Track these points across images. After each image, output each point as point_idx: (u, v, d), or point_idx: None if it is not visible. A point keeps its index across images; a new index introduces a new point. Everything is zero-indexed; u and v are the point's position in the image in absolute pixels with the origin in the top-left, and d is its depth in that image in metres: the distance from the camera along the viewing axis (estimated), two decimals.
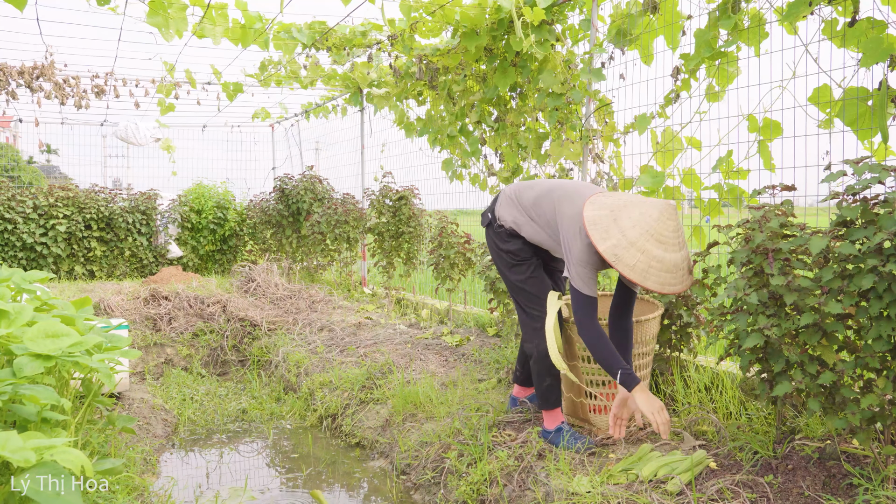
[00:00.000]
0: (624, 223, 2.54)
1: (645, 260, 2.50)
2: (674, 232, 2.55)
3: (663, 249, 2.52)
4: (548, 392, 2.99)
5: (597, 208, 2.62)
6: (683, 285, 2.58)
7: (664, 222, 2.54)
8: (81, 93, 7.43)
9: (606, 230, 2.54)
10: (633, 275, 2.50)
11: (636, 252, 2.50)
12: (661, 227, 2.53)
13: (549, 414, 3.02)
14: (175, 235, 8.93)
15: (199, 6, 4.60)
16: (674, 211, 2.58)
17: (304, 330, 5.91)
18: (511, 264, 3.05)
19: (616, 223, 2.55)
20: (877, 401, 2.10)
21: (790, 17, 2.91)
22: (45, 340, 2.23)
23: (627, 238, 2.51)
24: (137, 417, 4.04)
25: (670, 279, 2.53)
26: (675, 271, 2.55)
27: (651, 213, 2.55)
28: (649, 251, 2.50)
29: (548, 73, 4.24)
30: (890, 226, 2.03)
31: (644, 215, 2.54)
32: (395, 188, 6.73)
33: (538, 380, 3.01)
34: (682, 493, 2.37)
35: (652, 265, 2.50)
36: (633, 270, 2.49)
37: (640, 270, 2.50)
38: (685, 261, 2.60)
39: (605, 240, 2.53)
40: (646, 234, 2.51)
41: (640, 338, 2.91)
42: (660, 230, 2.53)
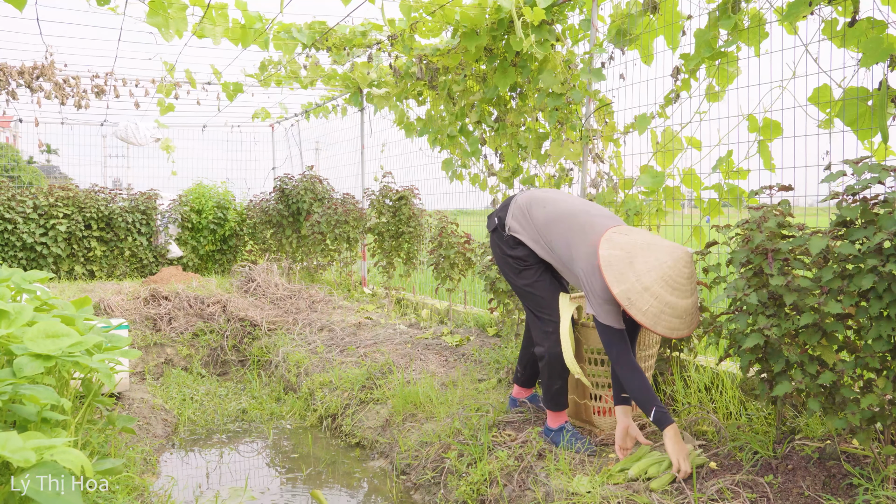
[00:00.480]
0: (639, 267, 2.54)
1: (657, 305, 2.51)
2: (687, 279, 2.57)
3: (676, 296, 2.54)
4: (557, 395, 2.99)
5: (612, 247, 2.62)
6: (690, 329, 2.61)
7: (679, 269, 2.55)
8: (81, 93, 7.43)
9: (622, 273, 2.54)
10: (645, 320, 2.52)
11: (650, 297, 2.51)
12: (676, 273, 2.54)
13: (553, 414, 3.02)
14: (175, 235, 8.93)
15: (199, 6, 4.60)
16: (690, 259, 2.60)
17: (304, 330, 5.91)
18: (518, 270, 3.04)
19: (631, 266, 2.55)
20: (877, 401, 2.10)
21: (790, 17, 2.91)
22: (45, 340, 2.23)
23: (642, 283, 2.52)
24: (137, 417, 4.04)
25: (679, 324, 2.56)
26: (685, 317, 2.57)
27: (667, 261, 2.55)
28: (662, 297, 2.51)
29: (548, 73, 4.24)
30: (890, 226, 2.03)
31: (660, 262, 2.55)
32: (395, 188, 6.73)
33: (548, 383, 3.00)
34: (683, 493, 2.37)
35: (664, 311, 2.52)
36: (645, 316, 2.51)
37: (651, 315, 2.51)
38: (694, 306, 2.62)
39: (620, 283, 2.53)
40: (660, 280, 2.52)
41: (645, 341, 2.91)
42: (674, 277, 2.54)
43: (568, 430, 2.95)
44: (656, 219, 3.79)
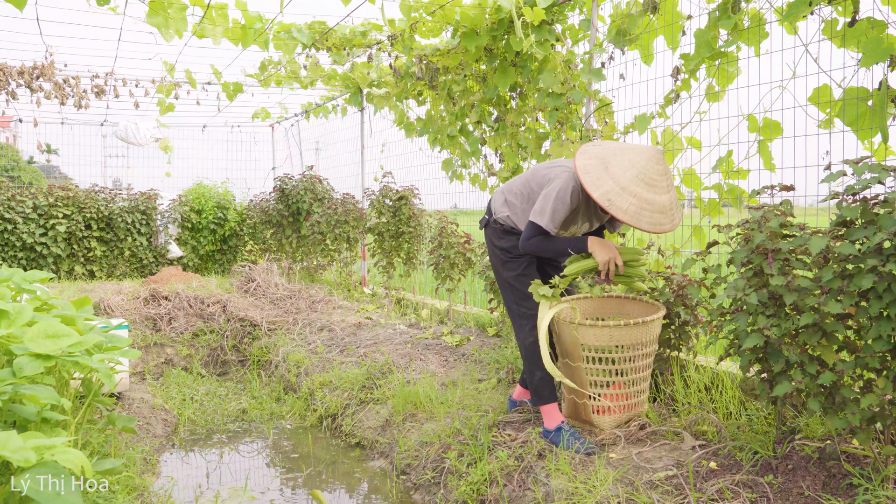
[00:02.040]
0: (614, 170, 2.68)
1: (637, 203, 2.64)
2: (662, 175, 2.69)
3: (654, 193, 2.66)
4: (540, 386, 3.03)
5: (587, 158, 2.76)
6: (674, 224, 2.72)
7: (652, 167, 2.68)
8: (81, 93, 7.42)
9: (599, 178, 2.68)
10: (627, 217, 2.63)
11: (628, 196, 2.64)
12: (650, 171, 2.67)
13: (546, 412, 3.03)
14: (175, 235, 8.92)
15: (199, 6, 4.59)
16: (661, 155, 2.72)
17: (304, 330, 5.91)
18: (504, 260, 3.14)
19: (607, 171, 2.68)
20: (877, 401, 2.10)
21: (790, 17, 2.91)
22: (45, 340, 2.23)
23: (619, 183, 2.65)
24: (137, 417, 4.04)
25: (661, 219, 2.67)
26: (666, 212, 2.68)
27: (639, 161, 2.69)
28: (640, 195, 2.64)
29: (548, 73, 4.24)
30: (890, 226, 2.03)
31: (633, 163, 2.68)
32: (395, 188, 6.73)
33: (529, 375, 3.07)
34: (683, 493, 2.37)
35: (644, 208, 2.64)
36: (626, 214, 2.63)
37: (632, 213, 2.64)
38: (673, 202, 2.73)
39: (599, 187, 2.66)
40: (636, 180, 2.65)
41: (643, 338, 2.91)
42: (649, 174, 2.67)
43: (566, 430, 2.95)
44: None
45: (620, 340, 2.87)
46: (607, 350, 2.89)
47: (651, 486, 2.46)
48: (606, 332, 2.86)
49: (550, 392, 3.03)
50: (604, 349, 2.89)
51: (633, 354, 2.91)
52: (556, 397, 3.05)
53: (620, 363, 2.91)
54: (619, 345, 2.88)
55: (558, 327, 3.01)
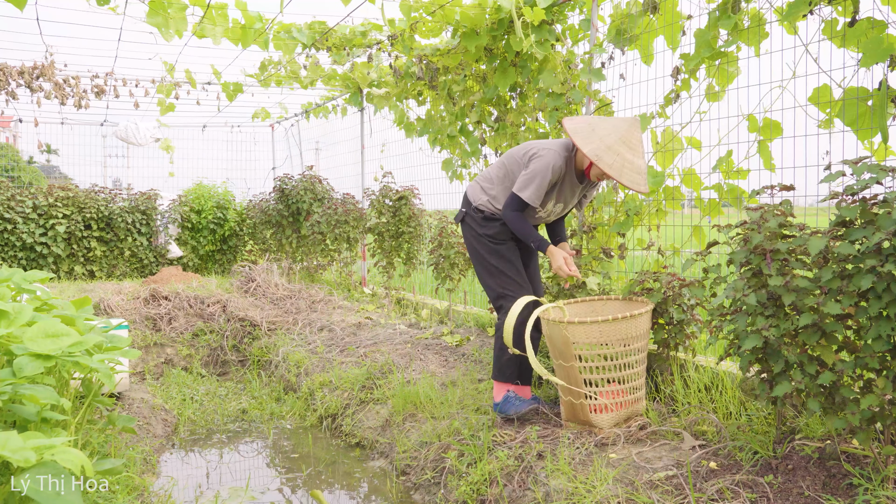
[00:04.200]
0: (600, 132, 3.02)
1: (619, 161, 2.99)
2: (638, 144, 3.05)
3: (632, 155, 3.02)
4: (505, 366, 3.28)
5: (575, 122, 3.10)
6: (645, 188, 3.05)
7: (633, 133, 3.04)
8: (81, 93, 7.43)
9: (587, 137, 3.01)
10: (612, 171, 2.97)
11: (613, 155, 2.99)
12: (630, 136, 3.03)
13: (498, 386, 3.30)
14: (175, 235, 8.92)
15: (199, 6, 4.59)
16: (638, 124, 3.08)
17: (304, 330, 5.92)
18: (490, 248, 3.32)
19: (594, 132, 3.03)
20: (877, 401, 2.10)
21: (790, 17, 2.91)
22: (45, 340, 2.23)
23: (605, 143, 3.00)
24: (137, 417, 4.04)
25: (638, 179, 3.02)
26: (641, 174, 3.03)
27: (622, 126, 3.05)
28: (623, 154, 2.99)
29: (548, 73, 4.23)
30: (889, 226, 2.03)
31: (616, 127, 3.04)
32: (395, 188, 6.73)
33: (499, 352, 3.29)
34: (682, 493, 2.37)
35: (625, 166, 3.00)
36: (612, 168, 2.97)
37: (616, 168, 2.98)
38: (645, 168, 3.08)
39: (588, 143, 2.99)
40: (619, 141, 3.00)
41: (633, 333, 2.93)
42: (629, 139, 3.02)
43: (510, 396, 3.24)
44: (656, 219, 3.79)
45: (611, 336, 2.89)
46: (598, 346, 2.91)
47: (651, 486, 2.46)
48: (596, 328, 2.87)
49: (512, 372, 3.28)
50: (595, 346, 2.91)
51: (625, 350, 2.93)
52: (515, 379, 3.29)
53: (613, 359, 2.92)
54: (610, 340, 2.90)
55: (549, 328, 3.03)
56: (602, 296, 3.51)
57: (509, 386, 3.28)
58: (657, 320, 3.28)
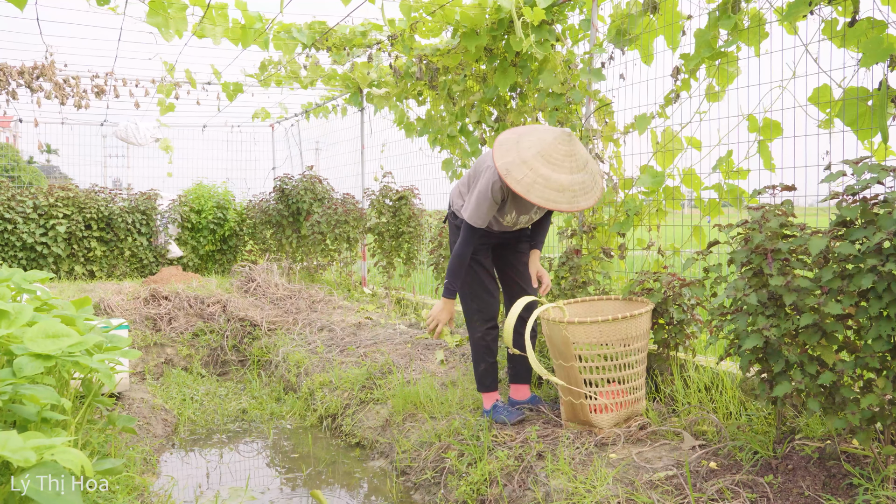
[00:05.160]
0: (523, 144, 2.83)
1: (531, 176, 2.75)
2: (565, 156, 2.79)
3: (552, 170, 2.76)
4: (483, 376, 3.34)
5: (508, 134, 2.94)
6: (573, 206, 2.80)
7: (556, 146, 2.78)
8: (81, 93, 7.43)
9: (508, 150, 2.84)
10: (519, 188, 2.74)
11: (526, 169, 2.76)
12: (553, 150, 2.78)
13: (487, 397, 3.37)
14: (175, 235, 8.92)
15: (199, 6, 4.59)
16: (568, 137, 2.81)
17: (304, 330, 5.91)
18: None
19: (517, 145, 2.84)
20: (877, 401, 2.10)
21: (790, 17, 2.91)
22: (45, 340, 2.23)
23: (521, 157, 2.79)
24: (137, 417, 4.04)
25: (557, 197, 2.76)
26: (564, 191, 2.77)
27: (546, 138, 2.81)
28: (537, 169, 2.75)
29: (548, 73, 4.23)
30: (889, 226, 2.03)
31: (541, 139, 2.81)
32: (395, 188, 6.73)
33: (475, 365, 3.35)
34: (682, 493, 2.37)
35: (537, 181, 2.74)
36: (519, 184, 2.74)
37: (525, 184, 2.74)
38: (579, 185, 2.80)
39: (504, 157, 2.81)
40: (537, 155, 2.77)
41: (633, 333, 2.93)
42: (551, 152, 2.77)
43: (498, 406, 3.30)
44: (656, 219, 3.79)
45: (611, 336, 2.89)
46: (598, 346, 2.91)
47: (651, 485, 2.46)
48: (596, 328, 2.87)
49: (493, 381, 3.35)
50: (595, 346, 2.91)
51: (625, 349, 2.93)
52: (496, 387, 3.36)
53: (613, 359, 2.92)
54: (610, 340, 2.90)
55: (549, 328, 3.03)
56: (602, 296, 3.52)
57: (494, 395, 3.36)
58: (657, 320, 3.28)
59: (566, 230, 4.11)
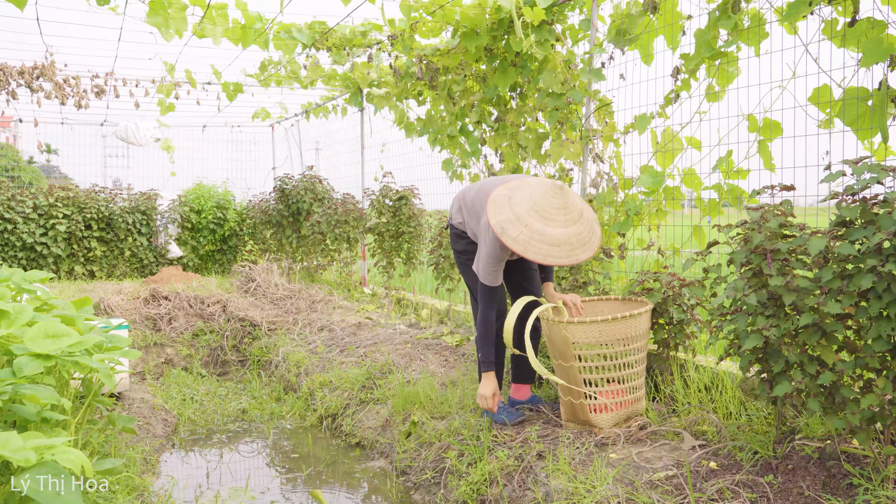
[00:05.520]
0: (515, 200, 2.80)
1: (527, 233, 2.73)
2: (558, 209, 2.77)
3: (547, 225, 2.74)
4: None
5: (501, 191, 2.89)
6: (571, 259, 2.76)
7: (549, 200, 2.77)
8: (81, 93, 7.42)
9: (500, 207, 2.81)
10: (516, 246, 2.72)
11: (521, 226, 2.74)
12: (546, 203, 2.76)
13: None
14: (175, 235, 8.92)
15: (199, 6, 4.59)
16: (559, 190, 2.79)
17: (304, 330, 5.91)
18: (462, 262, 3.36)
19: (510, 202, 2.81)
20: (877, 401, 2.10)
21: (790, 17, 2.91)
22: (45, 340, 2.23)
23: (515, 213, 2.77)
24: (137, 417, 4.04)
25: (554, 252, 2.74)
26: (561, 245, 2.74)
27: (537, 192, 2.79)
28: (532, 225, 2.73)
29: (548, 73, 4.23)
30: (889, 226, 2.03)
31: (532, 194, 2.79)
32: (395, 188, 6.73)
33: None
34: (682, 493, 2.37)
35: (534, 237, 2.73)
36: (516, 242, 2.72)
37: (521, 242, 2.72)
38: (576, 237, 2.77)
39: (498, 215, 2.79)
40: (530, 210, 2.75)
41: (633, 332, 2.93)
42: (544, 207, 2.76)
43: (500, 407, 3.26)
44: (656, 219, 3.79)
45: (610, 335, 2.89)
46: (598, 346, 2.91)
47: (651, 485, 2.46)
48: (595, 327, 2.87)
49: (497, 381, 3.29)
50: (595, 345, 2.91)
51: (625, 349, 2.93)
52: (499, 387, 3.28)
53: (613, 358, 2.92)
54: (610, 340, 2.90)
55: (549, 328, 3.03)
56: (602, 296, 3.52)
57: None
58: (657, 320, 3.28)
59: None
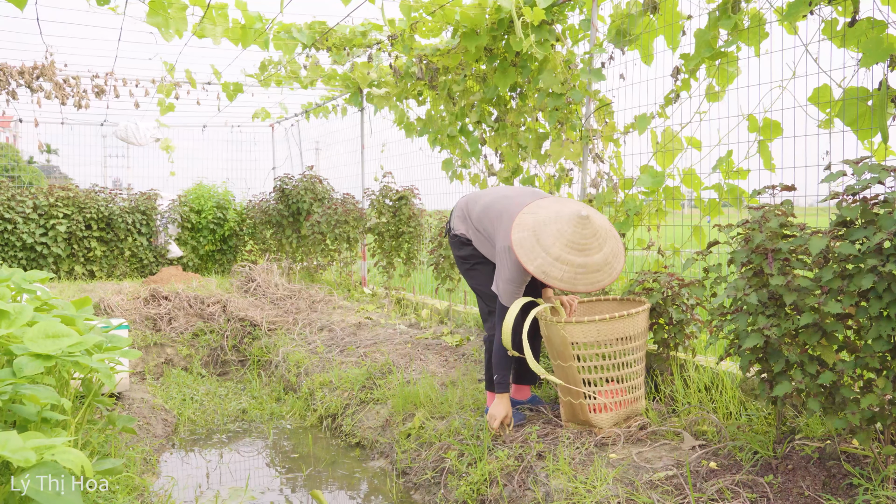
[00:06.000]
0: (545, 241, 2.76)
1: (570, 270, 2.74)
2: (591, 238, 2.76)
3: (584, 256, 2.75)
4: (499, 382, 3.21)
5: (521, 230, 2.84)
6: (613, 276, 2.81)
7: (579, 232, 2.75)
8: (81, 93, 7.42)
9: (532, 250, 2.77)
10: (563, 285, 2.75)
11: (561, 265, 2.74)
12: (578, 237, 2.75)
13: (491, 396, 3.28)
14: (175, 235, 8.92)
15: (199, 6, 4.59)
16: (585, 220, 2.76)
17: (304, 330, 5.91)
18: (466, 269, 3.33)
19: (539, 243, 2.77)
20: (877, 401, 2.10)
21: (790, 17, 2.91)
22: (45, 340, 2.23)
23: (551, 255, 2.75)
24: (137, 417, 4.04)
25: (599, 277, 2.78)
26: (602, 269, 2.78)
27: (566, 230, 2.76)
28: (572, 261, 2.74)
29: (548, 73, 4.23)
30: (889, 226, 2.03)
31: (561, 232, 2.76)
32: (395, 188, 6.73)
33: (488, 365, 3.24)
34: (682, 493, 2.37)
35: (578, 273, 2.75)
36: (562, 282, 2.75)
37: (568, 280, 2.74)
38: (608, 256, 2.80)
39: (533, 261, 2.76)
40: (566, 248, 2.74)
41: (631, 331, 2.93)
42: (577, 241, 2.75)
43: None
44: (656, 219, 3.79)
45: (608, 335, 2.89)
46: (597, 346, 2.91)
47: (651, 485, 2.46)
48: (594, 327, 2.87)
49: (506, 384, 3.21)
50: (593, 345, 2.91)
51: (623, 348, 2.93)
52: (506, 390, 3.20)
53: (611, 358, 2.92)
54: (608, 340, 2.90)
55: (547, 329, 3.03)
56: (601, 296, 3.52)
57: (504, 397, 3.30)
58: (657, 320, 3.28)
59: None
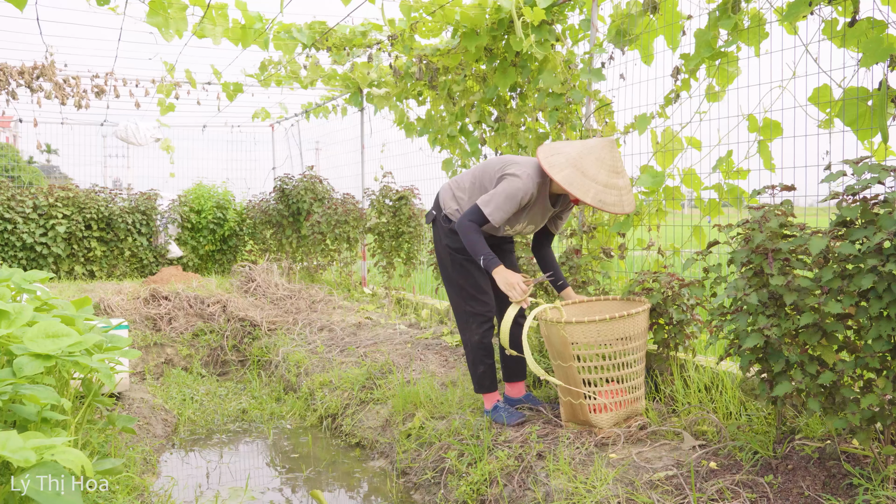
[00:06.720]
0: (591, 172, 2.90)
1: (617, 193, 2.92)
2: (619, 159, 2.99)
3: (622, 178, 2.97)
4: (482, 378, 3.32)
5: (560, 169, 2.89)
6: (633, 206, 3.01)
7: (615, 156, 2.96)
8: (81, 93, 7.42)
9: (583, 184, 2.87)
10: (615, 209, 2.91)
11: (610, 190, 2.91)
12: (614, 161, 2.95)
13: (487, 398, 3.35)
14: (175, 235, 8.92)
15: (199, 6, 4.59)
16: (614, 143, 3.01)
17: (304, 330, 5.91)
18: (455, 261, 3.23)
19: (585, 175, 2.89)
20: (877, 401, 2.10)
21: (790, 17, 2.91)
22: (45, 340, 2.23)
23: (600, 183, 2.90)
24: (137, 417, 4.04)
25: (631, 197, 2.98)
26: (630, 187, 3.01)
27: (604, 156, 2.93)
28: (616, 184, 2.93)
29: (548, 73, 4.23)
30: (889, 226, 2.03)
31: (601, 159, 2.93)
32: (395, 188, 6.73)
33: (473, 367, 3.31)
34: (682, 493, 2.37)
35: (623, 194, 2.95)
36: (614, 206, 2.91)
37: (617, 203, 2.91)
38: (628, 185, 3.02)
39: (587, 192, 2.87)
40: (610, 173, 2.92)
41: (631, 332, 2.93)
42: (614, 165, 2.95)
43: (500, 407, 3.29)
44: (656, 219, 3.79)
45: (609, 335, 2.89)
46: (597, 346, 2.91)
47: (651, 485, 2.46)
48: (594, 327, 2.87)
49: (491, 382, 3.33)
50: (593, 345, 2.91)
51: (623, 349, 2.92)
52: (495, 387, 3.35)
53: (611, 358, 2.92)
54: (608, 340, 2.90)
55: (547, 329, 3.03)
56: (600, 296, 3.52)
57: (495, 395, 3.34)
58: (657, 320, 3.28)
59: (566, 230, 4.11)
